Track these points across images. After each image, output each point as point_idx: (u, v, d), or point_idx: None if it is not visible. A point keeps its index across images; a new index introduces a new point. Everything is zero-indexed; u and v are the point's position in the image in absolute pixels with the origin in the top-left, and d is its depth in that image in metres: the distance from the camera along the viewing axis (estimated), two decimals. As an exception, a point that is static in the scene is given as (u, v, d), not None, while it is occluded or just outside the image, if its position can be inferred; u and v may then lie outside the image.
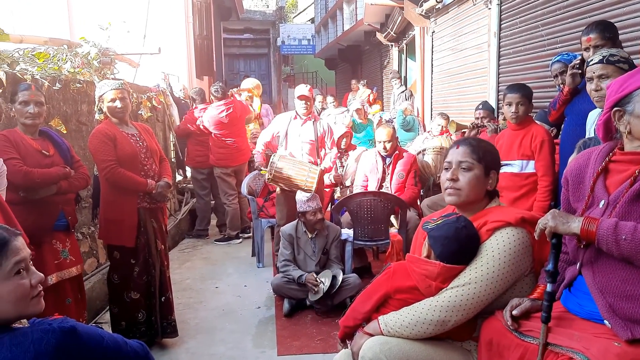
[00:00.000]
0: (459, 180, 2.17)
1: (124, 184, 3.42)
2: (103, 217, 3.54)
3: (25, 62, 4.32)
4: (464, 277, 2.03)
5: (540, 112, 4.34)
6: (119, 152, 3.39)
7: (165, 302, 3.70)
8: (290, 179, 4.70)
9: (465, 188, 2.16)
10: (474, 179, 2.16)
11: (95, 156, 3.43)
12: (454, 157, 2.21)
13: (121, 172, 3.38)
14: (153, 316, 3.62)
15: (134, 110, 5.99)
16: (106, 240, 3.63)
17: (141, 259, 3.56)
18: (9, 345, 1.26)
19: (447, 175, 2.21)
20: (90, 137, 3.45)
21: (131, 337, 3.47)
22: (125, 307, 3.55)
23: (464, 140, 2.26)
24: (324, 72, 25.63)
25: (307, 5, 30.44)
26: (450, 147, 2.28)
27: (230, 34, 23.22)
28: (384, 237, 4.61)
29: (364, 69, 16.84)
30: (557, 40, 4.96)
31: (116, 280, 3.56)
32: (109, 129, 3.42)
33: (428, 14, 8.86)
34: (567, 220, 1.77)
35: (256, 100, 8.06)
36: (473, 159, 2.18)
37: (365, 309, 2.19)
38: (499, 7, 6.29)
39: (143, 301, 3.58)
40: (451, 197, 2.20)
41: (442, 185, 2.26)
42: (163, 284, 3.69)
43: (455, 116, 7.73)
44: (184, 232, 6.95)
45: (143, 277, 3.58)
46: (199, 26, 11.39)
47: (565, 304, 1.90)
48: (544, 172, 3.62)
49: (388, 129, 5.01)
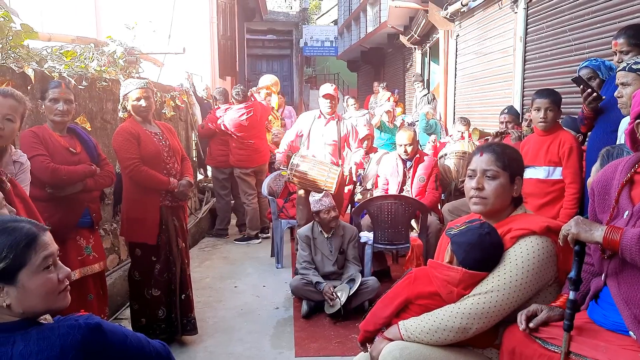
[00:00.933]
0: (484, 189, 2.13)
1: (147, 183, 3.45)
2: (125, 214, 3.57)
3: (53, 60, 4.40)
4: (487, 284, 2.01)
5: (567, 118, 4.28)
6: (142, 151, 3.42)
7: (186, 299, 3.72)
8: (310, 179, 4.71)
9: (491, 197, 2.13)
10: (500, 187, 2.13)
11: (119, 154, 3.46)
12: (478, 165, 2.17)
13: (144, 170, 3.40)
14: (173, 313, 3.64)
15: (157, 109, 6.05)
16: (128, 238, 3.66)
17: (162, 257, 3.58)
18: (36, 339, 1.28)
19: (472, 184, 2.17)
20: (114, 135, 3.49)
21: (151, 333, 3.53)
22: (146, 303, 3.58)
23: (488, 147, 2.22)
24: (346, 74, 25.61)
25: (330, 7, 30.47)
26: (473, 154, 2.24)
27: (254, 34, 23.33)
28: (404, 241, 4.59)
29: (387, 71, 16.78)
30: (585, 45, 4.88)
31: (137, 277, 3.60)
32: (133, 127, 3.45)
33: (453, 17, 8.79)
34: (590, 228, 1.74)
35: (274, 97, 8.10)
36: (498, 166, 2.14)
37: (386, 313, 2.18)
38: (525, 11, 6.22)
39: (164, 298, 3.61)
40: (477, 207, 2.16)
41: (466, 193, 2.23)
42: (184, 282, 3.72)
43: (478, 121, 7.68)
44: (204, 231, 7.00)
45: (164, 274, 3.60)
46: (223, 26, 11.48)
47: (591, 316, 1.87)
48: (572, 179, 3.56)
49: (409, 132, 4.98)
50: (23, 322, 1.34)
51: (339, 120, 5.22)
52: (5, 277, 1.31)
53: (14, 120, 2.46)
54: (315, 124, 5.18)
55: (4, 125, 2.41)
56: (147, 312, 3.59)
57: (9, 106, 2.44)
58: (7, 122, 2.43)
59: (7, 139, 2.47)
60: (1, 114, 2.41)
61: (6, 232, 1.34)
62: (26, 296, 1.33)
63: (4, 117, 2.42)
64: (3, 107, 2.42)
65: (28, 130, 3.03)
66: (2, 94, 2.46)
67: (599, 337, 1.76)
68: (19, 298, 1.33)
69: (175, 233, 3.66)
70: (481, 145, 2.28)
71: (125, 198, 3.57)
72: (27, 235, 1.35)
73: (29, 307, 1.34)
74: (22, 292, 1.33)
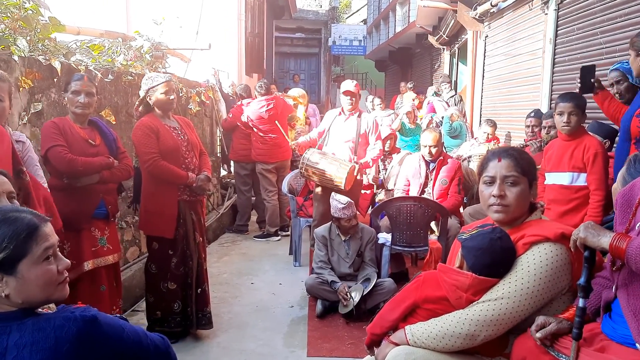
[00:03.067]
0: (506, 196, 2.06)
1: (166, 177, 3.47)
2: (144, 208, 3.60)
3: (81, 54, 4.48)
4: (497, 291, 1.96)
5: (594, 123, 4.17)
6: (161, 145, 3.44)
7: (202, 293, 3.75)
8: (320, 173, 4.71)
9: (514, 204, 2.07)
10: (521, 194, 2.07)
11: (138, 148, 3.49)
12: (497, 171, 2.09)
13: (163, 164, 3.43)
14: (189, 307, 3.66)
15: (182, 104, 6.11)
16: (146, 231, 3.69)
17: (179, 251, 3.61)
18: (31, 330, 1.29)
19: (492, 191, 2.09)
20: (134, 129, 3.53)
21: (166, 326, 3.56)
22: (162, 296, 3.61)
23: (506, 152, 2.14)
24: (374, 73, 25.48)
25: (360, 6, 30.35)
26: (488, 159, 2.16)
27: (282, 32, 23.38)
28: (423, 244, 4.53)
29: (414, 72, 16.64)
30: (616, 49, 4.75)
31: (153, 270, 3.63)
32: (153, 122, 3.48)
33: (482, 18, 8.66)
34: (598, 234, 1.69)
35: (301, 108, 8.31)
36: (518, 172, 2.08)
37: (393, 317, 2.15)
38: (556, 12, 6.08)
39: (179, 292, 3.64)
40: (499, 215, 2.09)
41: (484, 200, 2.15)
42: (200, 276, 3.74)
43: (504, 124, 7.55)
44: (225, 226, 7.04)
45: (180, 268, 3.63)
46: (251, 24, 11.53)
47: (603, 329, 1.81)
48: (597, 186, 3.45)
49: (434, 133, 4.92)
50: (20, 312, 1.35)
51: (360, 115, 5.15)
52: (5, 267, 1.32)
53: (2, 99, 2.41)
54: (336, 121, 5.15)
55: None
56: (163, 304, 3.62)
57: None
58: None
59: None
60: None
61: (7, 222, 1.34)
62: (25, 286, 1.34)
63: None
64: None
65: (50, 121, 3.09)
66: None
67: (609, 351, 1.71)
68: (18, 288, 1.33)
69: (193, 227, 3.68)
70: (497, 150, 2.20)
71: (144, 192, 3.60)
72: (29, 226, 1.36)
73: (27, 297, 1.35)
74: (21, 282, 1.33)
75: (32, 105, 3.37)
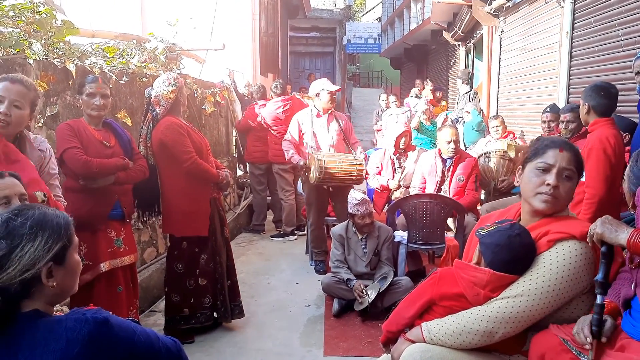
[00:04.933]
0: (559, 187, 1.98)
1: (203, 175, 3.57)
2: (177, 210, 3.59)
3: (96, 56, 4.51)
4: (517, 287, 1.91)
5: (614, 117, 4.08)
6: (193, 145, 3.53)
7: (233, 285, 3.87)
8: (338, 174, 4.70)
9: (563, 197, 2.00)
10: (571, 189, 2.01)
11: (174, 148, 3.48)
12: (557, 161, 1.98)
13: (202, 163, 3.53)
14: (218, 300, 3.75)
15: (197, 105, 6.13)
16: (178, 233, 3.66)
17: (209, 247, 3.70)
18: (43, 331, 1.30)
19: (546, 179, 1.98)
20: (163, 129, 3.49)
21: (194, 322, 3.65)
22: (189, 294, 3.66)
23: (567, 144, 2.04)
24: (389, 71, 25.43)
25: (375, 4, 30.26)
26: (547, 146, 2.03)
27: (297, 32, 23.39)
28: (439, 242, 4.49)
29: (430, 68, 16.55)
30: (635, 40, 4.65)
31: (180, 270, 3.66)
32: (179, 122, 3.54)
33: (497, 13, 8.57)
34: (616, 229, 1.65)
35: None
36: (575, 167, 2.01)
37: (409, 314, 2.12)
38: (572, 5, 5.98)
39: (210, 286, 3.72)
40: (546, 205, 1.99)
41: (532, 185, 2.02)
42: (230, 269, 3.86)
43: (521, 119, 7.46)
44: (242, 226, 7.06)
45: (210, 264, 3.72)
46: (265, 24, 11.55)
47: (623, 327, 1.76)
48: (588, 182, 3.35)
49: (452, 129, 4.87)
50: (33, 314, 1.35)
51: (332, 114, 5.22)
52: (59, 257, 1.38)
53: (21, 107, 2.39)
54: (318, 123, 5.17)
55: (10, 112, 2.35)
56: (192, 301, 3.67)
57: (17, 92, 2.38)
58: (14, 108, 2.37)
59: (15, 125, 2.40)
60: (9, 100, 2.36)
61: (53, 216, 1.40)
62: (67, 275, 1.41)
63: (11, 104, 2.36)
64: (10, 93, 2.36)
65: (64, 123, 3.11)
66: (10, 80, 2.40)
67: (630, 349, 1.66)
68: (62, 277, 1.39)
69: (221, 223, 3.79)
70: (559, 140, 2.07)
71: (177, 193, 3.59)
72: (66, 217, 1.44)
73: (65, 286, 1.41)
74: (65, 271, 1.40)
75: (48, 107, 3.40)
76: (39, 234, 1.33)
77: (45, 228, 1.35)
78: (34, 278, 1.32)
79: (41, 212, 1.39)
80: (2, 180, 1.88)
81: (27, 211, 1.38)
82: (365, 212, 4.27)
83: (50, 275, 1.35)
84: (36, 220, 1.35)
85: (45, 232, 1.34)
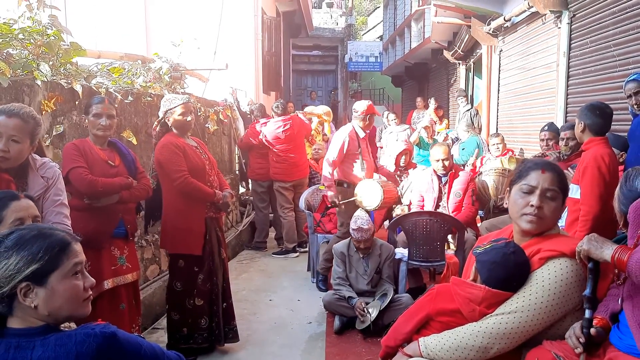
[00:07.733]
0: (543, 208, 2.04)
1: (195, 194, 3.58)
2: (170, 226, 3.66)
3: (102, 76, 4.61)
4: (511, 304, 1.97)
5: (609, 135, 4.15)
6: (188, 164, 3.56)
7: (228, 308, 3.83)
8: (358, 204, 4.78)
9: (548, 218, 2.06)
10: (556, 209, 2.07)
11: (167, 167, 3.55)
12: (540, 182, 2.05)
13: (194, 182, 3.54)
14: (214, 322, 3.72)
15: (201, 123, 6.22)
16: (173, 249, 3.73)
17: (206, 267, 3.69)
18: (53, 345, 1.36)
19: (529, 200, 2.05)
20: (159, 147, 3.59)
21: (192, 343, 3.62)
22: (188, 313, 3.66)
23: (550, 165, 2.11)
24: (390, 89, 25.56)
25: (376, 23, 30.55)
26: (530, 168, 2.11)
27: (299, 50, 23.61)
28: (440, 258, 4.54)
29: (431, 86, 16.67)
30: (630, 60, 4.75)
31: (179, 288, 3.68)
32: (177, 140, 3.59)
33: (496, 33, 8.69)
34: (601, 246, 1.71)
35: (326, 126, 8.69)
36: (559, 187, 2.06)
37: (406, 329, 2.17)
38: (569, 26, 6.09)
39: (206, 307, 3.70)
40: (532, 225, 2.06)
41: (517, 207, 2.09)
42: (225, 291, 3.83)
43: (520, 137, 7.53)
44: (243, 243, 7.10)
45: (207, 284, 3.70)
46: (268, 43, 11.69)
47: (611, 340, 1.81)
48: (583, 200, 3.42)
49: (444, 146, 4.96)
50: (44, 328, 1.41)
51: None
52: (37, 278, 1.41)
53: (20, 140, 2.31)
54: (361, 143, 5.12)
55: (8, 148, 2.29)
56: (190, 321, 3.66)
57: (14, 126, 2.30)
58: (12, 143, 2.30)
59: (14, 160, 2.34)
60: (6, 135, 2.29)
61: (43, 237, 1.45)
62: (53, 299, 1.43)
63: (9, 139, 2.29)
64: (8, 128, 2.29)
65: (70, 142, 3.18)
66: (7, 114, 2.32)
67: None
68: (46, 300, 1.42)
69: (218, 243, 3.78)
70: (541, 162, 2.16)
71: (171, 210, 3.65)
72: (62, 241, 1.47)
73: (53, 309, 1.43)
74: (49, 294, 1.42)
75: (55, 127, 3.48)
76: (14, 255, 1.40)
77: (24, 248, 1.41)
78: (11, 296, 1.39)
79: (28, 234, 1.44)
80: (18, 202, 1.92)
81: (18, 231, 1.45)
82: (362, 239, 4.28)
83: (26, 295, 1.40)
84: (16, 241, 1.42)
85: (22, 252, 1.40)
